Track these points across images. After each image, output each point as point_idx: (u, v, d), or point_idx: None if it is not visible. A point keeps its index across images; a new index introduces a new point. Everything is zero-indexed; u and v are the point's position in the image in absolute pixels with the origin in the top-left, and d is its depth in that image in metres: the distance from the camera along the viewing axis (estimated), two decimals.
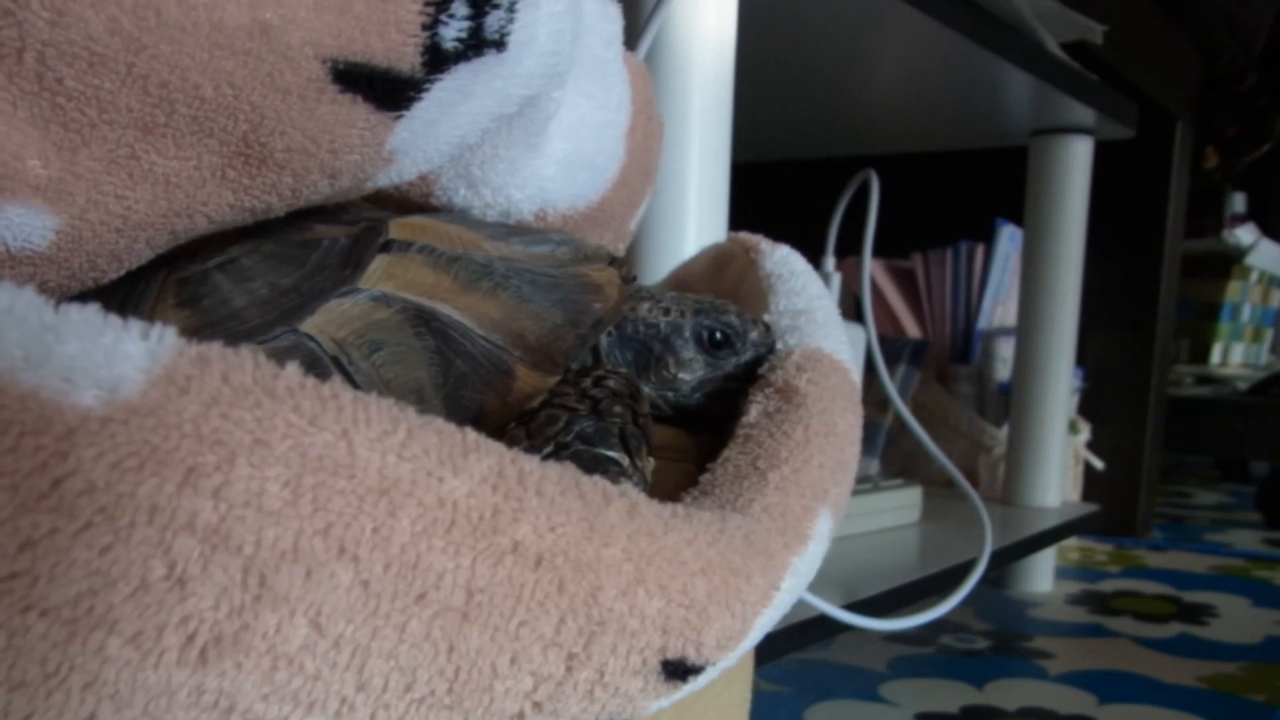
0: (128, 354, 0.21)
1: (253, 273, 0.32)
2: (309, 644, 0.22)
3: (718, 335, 0.37)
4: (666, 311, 0.37)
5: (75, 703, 0.21)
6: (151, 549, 0.20)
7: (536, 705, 0.26)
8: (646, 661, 0.27)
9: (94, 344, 0.21)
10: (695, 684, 0.29)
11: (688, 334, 0.36)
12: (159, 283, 0.32)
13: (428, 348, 0.30)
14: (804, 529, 0.31)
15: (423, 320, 0.31)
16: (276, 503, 0.21)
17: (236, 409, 0.21)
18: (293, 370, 0.22)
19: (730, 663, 0.30)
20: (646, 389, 0.37)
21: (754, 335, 0.37)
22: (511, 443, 0.27)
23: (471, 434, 0.24)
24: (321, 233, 0.33)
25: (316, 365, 0.29)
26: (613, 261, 0.37)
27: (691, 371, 0.37)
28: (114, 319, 0.21)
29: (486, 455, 0.24)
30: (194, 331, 0.30)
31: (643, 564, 0.26)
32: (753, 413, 0.35)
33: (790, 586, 0.31)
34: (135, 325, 0.21)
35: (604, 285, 0.35)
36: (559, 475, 0.25)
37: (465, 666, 0.24)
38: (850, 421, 0.36)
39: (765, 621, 0.30)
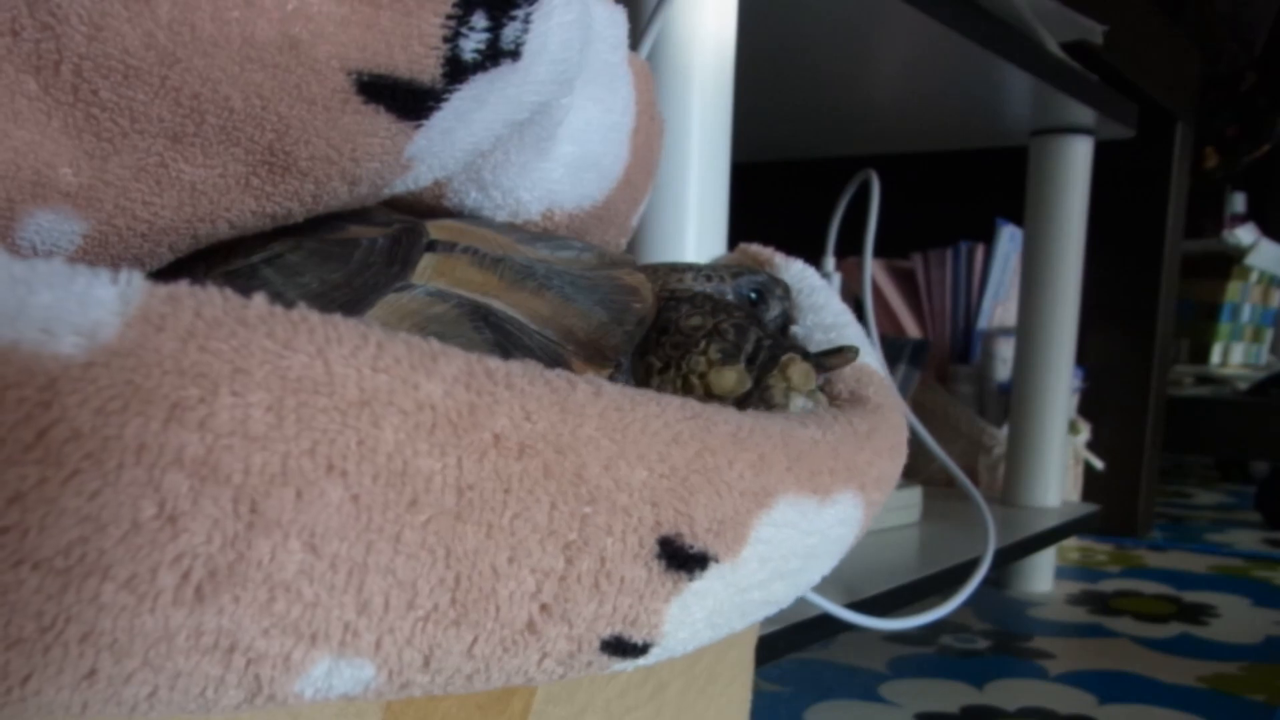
0: (100, 299, 0.21)
1: (300, 268, 0.32)
2: (305, 568, 0.22)
3: (755, 294, 0.39)
4: (709, 278, 0.38)
5: (74, 656, 0.21)
6: (141, 489, 0.20)
7: (545, 608, 0.26)
8: (643, 541, 0.27)
9: (67, 292, 0.21)
10: (708, 589, 0.29)
11: (731, 296, 0.38)
12: (200, 276, 0.32)
13: (487, 341, 0.31)
14: (822, 483, 0.31)
15: (480, 315, 0.31)
16: (261, 427, 0.21)
17: (213, 340, 0.21)
18: (260, 299, 0.23)
19: (738, 580, 0.30)
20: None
21: (779, 291, 0.40)
22: (727, 356, 0.29)
23: (436, 342, 0.25)
24: (357, 232, 0.34)
25: None
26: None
27: None
28: (81, 267, 0.21)
29: (454, 358, 0.24)
30: None
31: (618, 437, 0.26)
32: (820, 410, 0.35)
33: (794, 521, 0.30)
34: (103, 271, 0.21)
35: (639, 287, 0.36)
36: (523, 368, 0.26)
37: (465, 572, 0.24)
38: (903, 449, 0.36)
39: (769, 537, 0.30)
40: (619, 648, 0.28)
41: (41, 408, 0.20)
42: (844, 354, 0.35)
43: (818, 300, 0.41)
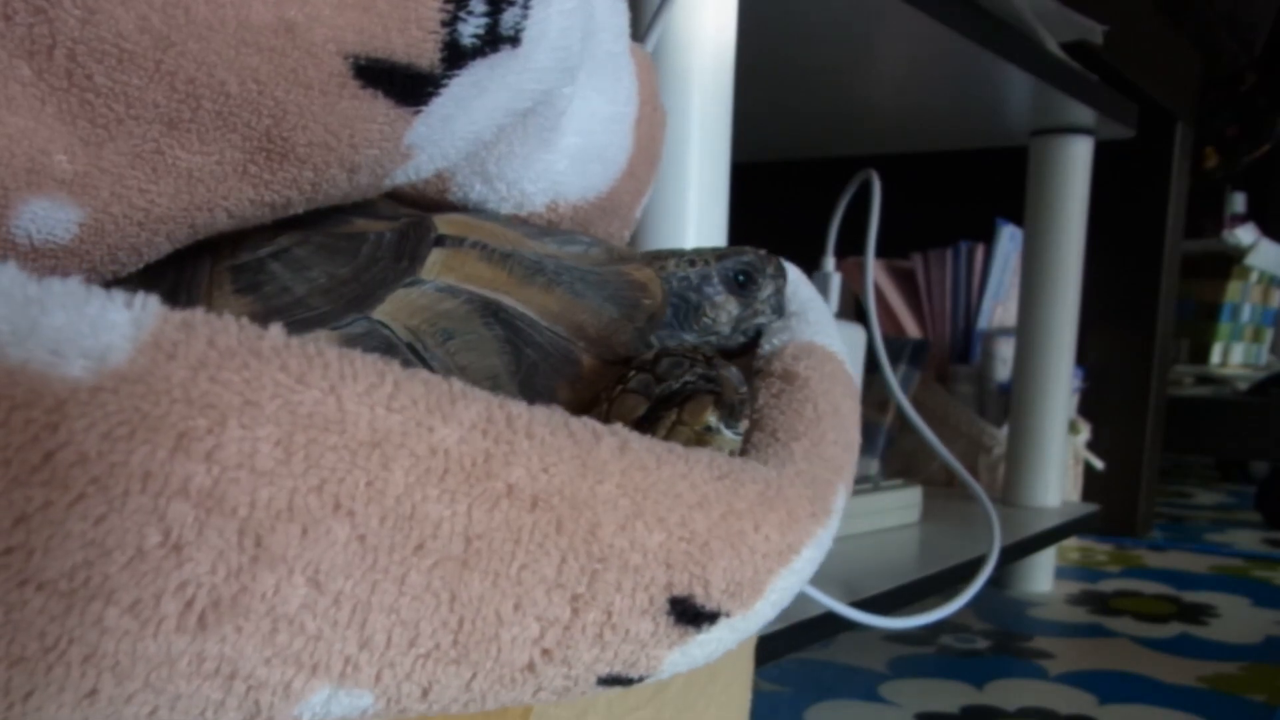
0: (113, 323, 0.21)
1: (308, 262, 0.32)
2: (308, 603, 0.22)
3: (741, 276, 0.39)
4: (692, 263, 0.38)
5: (76, 676, 0.21)
6: (146, 516, 0.20)
7: (546, 653, 0.26)
8: (654, 600, 0.26)
9: (79, 315, 0.21)
10: (712, 638, 0.29)
11: (716, 279, 0.39)
12: (208, 271, 0.32)
13: (497, 337, 0.31)
14: (829, 501, 0.31)
15: (490, 311, 0.31)
16: (269, 462, 0.21)
17: (224, 371, 0.21)
18: (276, 331, 0.23)
19: (747, 627, 0.30)
20: (690, 338, 0.39)
21: (770, 269, 0.40)
22: (642, 386, 0.29)
23: (457, 383, 0.24)
24: (363, 226, 0.34)
25: (391, 351, 0.29)
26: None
27: (728, 312, 0.39)
28: (97, 289, 0.21)
29: (474, 402, 0.24)
30: (259, 317, 0.31)
31: (638, 498, 0.26)
32: (760, 398, 0.35)
33: (811, 557, 0.31)
34: (118, 294, 0.21)
35: (647, 284, 0.36)
36: (547, 417, 0.25)
37: (469, 616, 0.24)
38: (850, 406, 0.36)
39: (784, 586, 0.30)
40: (614, 682, 0.28)
41: (49, 430, 0.20)
42: (744, 413, 0.35)
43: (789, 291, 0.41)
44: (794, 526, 0.29)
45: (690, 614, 0.27)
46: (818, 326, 0.39)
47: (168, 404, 0.21)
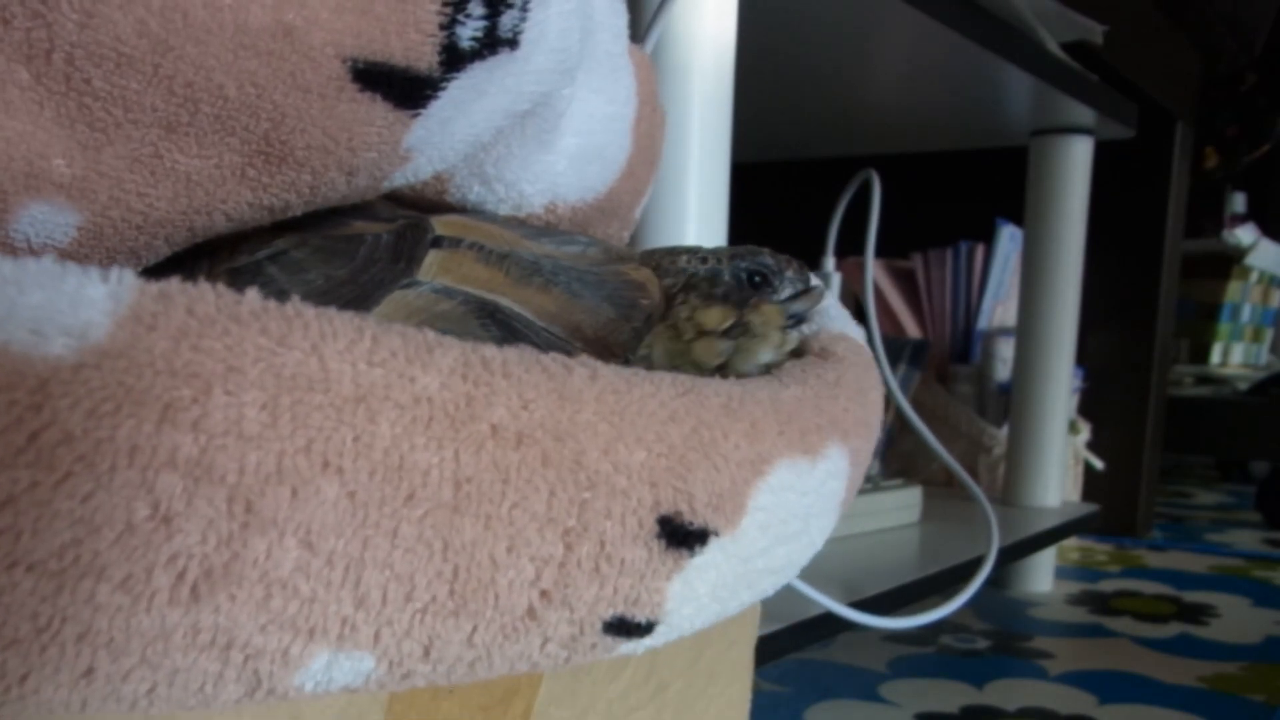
0: (91, 299, 0.21)
1: (305, 265, 0.32)
2: (301, 565, 0.22)
3: (756, 277, 0.38)
4: (704, 260, 0.37)
5: (71, 655, 0.21)
6: (134, 490, 0.20)
7: (544, 595, 0.26)
8: (643, 522, 0.27)
9: (57, 292, 0.20)
10: (708, 563, 0.29)
11: (727, 278, 0.37)
12: (206, 274, 0.32)
13: (494, 338, 0.31)
14: (812, 441, 0.31)
15: (487, 312, 0.31)
16: (256, 427, 0.21)
17: (206, 339, 0.21)
18: (253, 294, 0.22)
19: (739, 552, 0.30)
20: None
21: (790, 273, 0.38)
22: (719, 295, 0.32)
23: (431, 333, 0.25)
24: (361, 228, 0.34)
25: None
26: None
27: None
28: (72, 266, 0.21)
29: (450, 349, 0.24)
30: None
31: (616, 420, 0.26)
32: (786, 365, 0.35)
33: (790, 483, 0.31)
34: (94, 270, 0.21)
35: (645, 283, 0.36)
36: (520, 356, 0.26)
37: (463, 563, 0.24)
38: (876, 398, 0.36)
39: (767, 505, 0.30)
40: (622, 628, 0.28)
41: (32, 411, 0.20)
42: (811, 294, 0.36)
43: None
44: (760, 438, 0.29)
45: (680, 534, 0.28)
46: (841, 322, 0.39)
47: (151, 376, 0.21)
